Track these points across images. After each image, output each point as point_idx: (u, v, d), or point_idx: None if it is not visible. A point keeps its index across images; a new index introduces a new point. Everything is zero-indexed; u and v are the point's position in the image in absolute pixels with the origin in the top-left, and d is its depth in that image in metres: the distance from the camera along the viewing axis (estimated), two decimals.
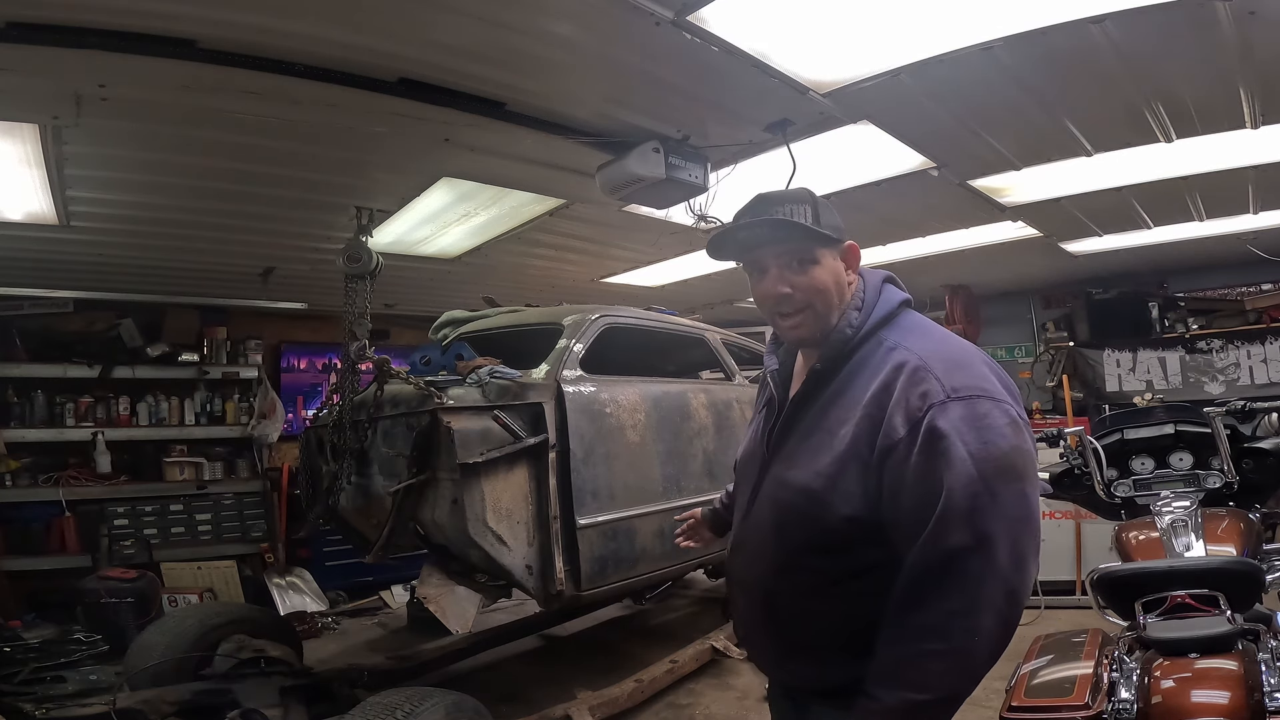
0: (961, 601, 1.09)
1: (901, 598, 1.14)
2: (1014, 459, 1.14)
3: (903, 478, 1.15)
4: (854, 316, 1.31)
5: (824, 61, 2.57)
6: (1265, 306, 6.18)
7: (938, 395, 1.15)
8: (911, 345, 1.24)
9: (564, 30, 2.31)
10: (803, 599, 1.29)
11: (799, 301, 1.29)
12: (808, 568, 1.27)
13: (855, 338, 1.30)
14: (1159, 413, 2.46)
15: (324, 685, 3.15)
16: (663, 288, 6.03)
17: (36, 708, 3.16)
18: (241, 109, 2.64)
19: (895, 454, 1.16)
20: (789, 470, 1.31)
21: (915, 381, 1.18)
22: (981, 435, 1.13)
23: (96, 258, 4.37)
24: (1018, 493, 1.13)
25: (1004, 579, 1.10)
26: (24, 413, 5.27)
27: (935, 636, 1.10)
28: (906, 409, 1.16)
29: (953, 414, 1.13)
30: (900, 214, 4.40)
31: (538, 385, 3.00)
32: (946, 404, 1.14)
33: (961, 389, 1.16)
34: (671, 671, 3.75)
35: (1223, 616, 1.54)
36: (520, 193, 3.76)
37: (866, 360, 1.27)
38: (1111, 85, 2.77)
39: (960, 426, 1.13)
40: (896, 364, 1.22)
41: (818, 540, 1.25)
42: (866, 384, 1.24)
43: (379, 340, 5.31)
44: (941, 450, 1.11)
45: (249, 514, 5.95)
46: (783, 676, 1.43)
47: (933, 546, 1.11)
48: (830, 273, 1.30)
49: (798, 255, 1.29)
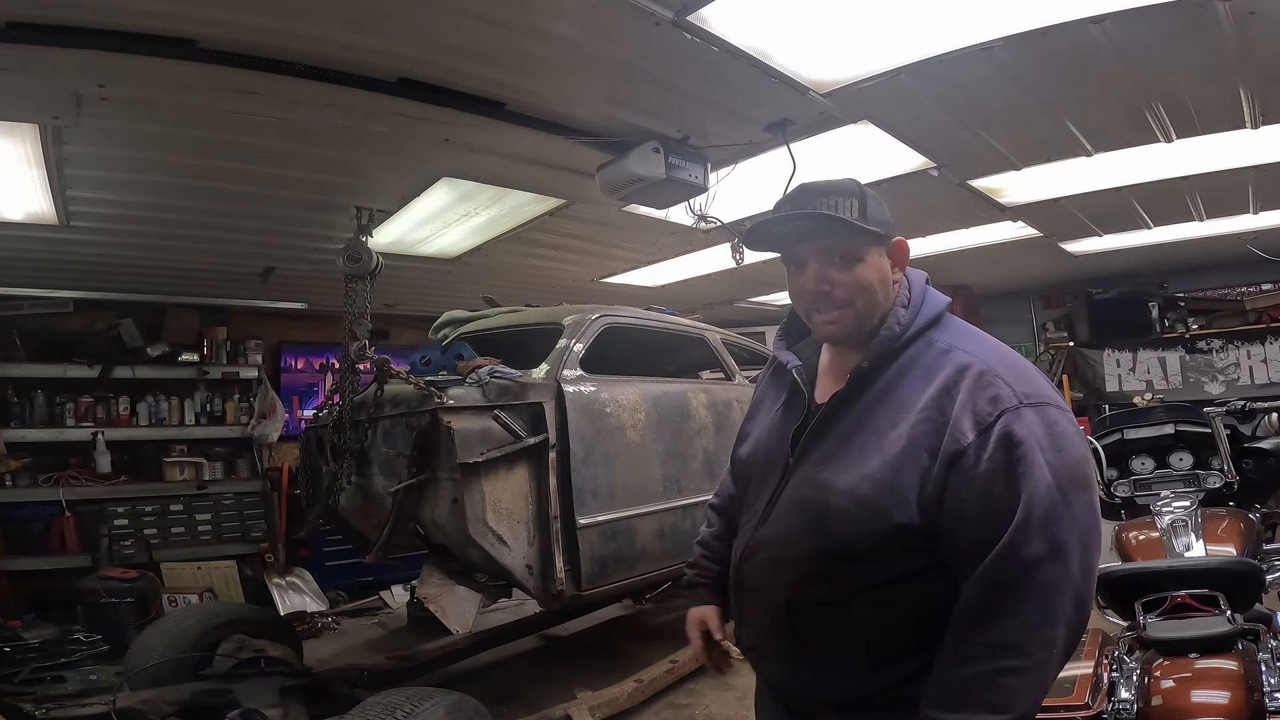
0: (1040, 615, 1.05)
1: (971, 614, 1.08)
2: (1084, 468, 1.12)
3: (971, 485, 1.09)
4: (902, 315, 1.24)
5: (824, 61, 2.57)
6: (1265, 306, 6.19)
7: (1010, 401, 1.10)
8: (969, 348, 1.19)
9: (564, 30, 2.31)
10: (829, 608, 1.21)
11: (839, 300, 1.23)
12: (839, 575, 1.19)
13: (903, 337, 1.22)
14: (1159, 413, 2.46)
15: (324, 685, 3.14)
16: (663, 288, 6.03)
17: (36, 708, 3.16)
18: (241, 109, 2.64)
19: (963, 460, 1.09)
20: (825, 473, 1.21)
21: (983, 385, 1.12)
22: (1056, 443, 1.09)
23: (96, 258, 4.37)
24: (1088, 502, 1.10)
25: (1076, 589, 1.07)
26: (24, 413, 5.27)
27: (1013, 653, 1.04)
28: (975, 413, 1.11)
29: (1028, 420, 1.09)
30: (900, 214, 4.34)
31: (538, 385, 3.00)
32: (1020, 410, 1.10)
33: (1032, 395, 1.12)
34: (671, 671, 3.75)
35: (1223, 616, 1.54)
36: (520, 193, 3.77)
37: (916, 360, 1.21)
38: (1111, 85, 2.77)
39: (1038, 434, 1.09)
40: (959, 366, 1.16)
41: (860, 547, 1.17)
42: (921, 385, 1.17)
43: (379, 340, 5.30)
44: (1019, 457, 1.07)
45: (249, 514, 5.95)
46: (795, 688, 1.32)
47: (1009, 557, 1.05)
48: (876, 270, 1.23)
49: (840, 251, 1.22)
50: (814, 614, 1.22)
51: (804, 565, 1.22)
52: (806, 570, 1.22)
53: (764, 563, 1.29)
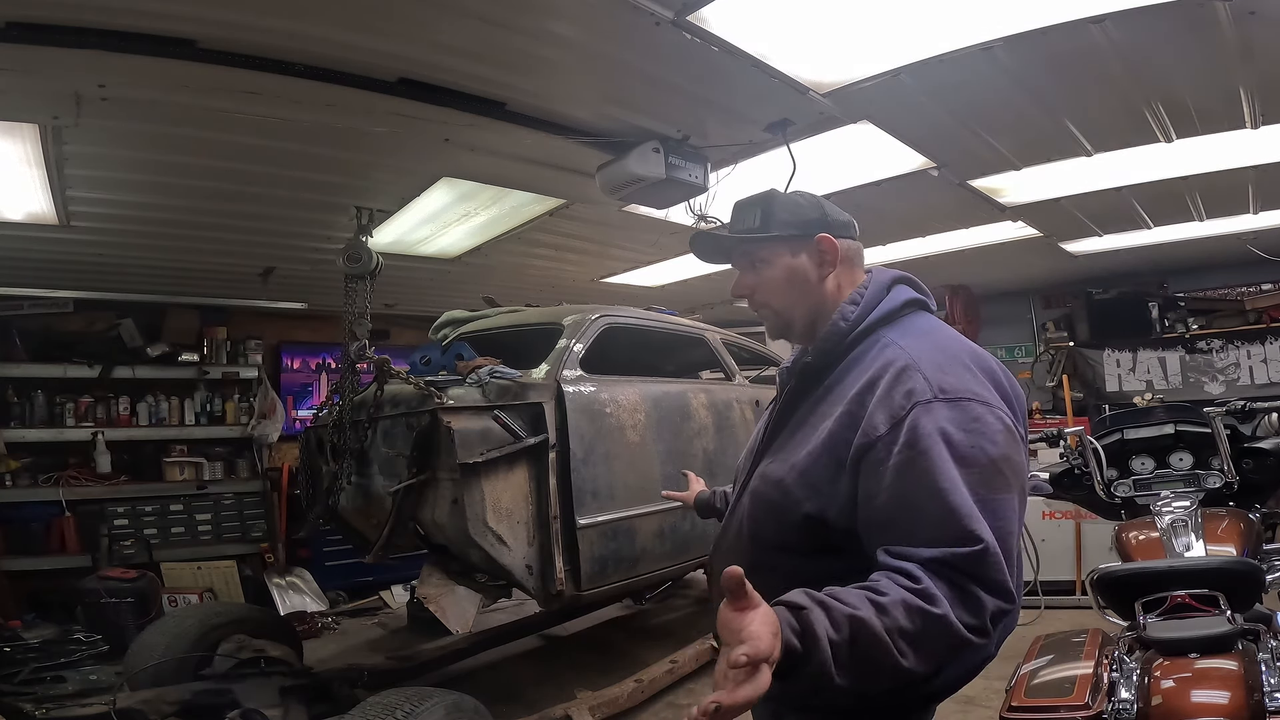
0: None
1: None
2: (1001, 468, 1.06)
3: (880, 479, 1.07)
4: (849, 311, 1.25)
5: (824, 61, 2.57)
6: (1265, 306, 6.18)
7: (924, 395, 1.08)
8: (907, 344, 1.18)
9: (564, 30, 2.31)
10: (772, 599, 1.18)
11: (758, 302, 1.33)
12: (776, 568, 1.17)
13: (851, 332, 1.24)
14: (1159, 413, 2.46)
15: (324, 685, 3.14)
16: (663, 288, 6.03)
17: (36, 708, 3.16)
18: (241, 109, 2.64)
19: (873, 453, 1.08)
20: (771, 465, 1.26)
21: (901, 380, 1.11)
22: (970, 439, 1.06)
23: (96, 258, 4.37)
24: (1006, 503, 1.06)
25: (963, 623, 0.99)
26: (24, 413, 5.27)
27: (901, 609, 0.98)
28: (890, 407, 1.09)
29: (939, 415, 1.06)
30: (900, 214, 4.40)
31: (538, 385, 3.00)
32: (932, 404, 1.07)
33: (951, 390, 1.09)
34: (671, 671, 3.75)
35: (1223, 616, 1.54)
36: (520, 193, 3.76)
37: (861, 356, 1.22)
38: (1111, 85, 2.77)
39: (947, 428, 1.05)
40: (885, 361, 1.16)
41: (783, 537, 1.19)
42: (855, 380, 1.18)
43: (379, 340, 5.30)
44: (923, 450, 1.04)
45: (249, 514, 5.95)
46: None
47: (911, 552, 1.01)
48: (784, 270, 1.29)
49: (750, 257, 1.32)
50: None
51: (749, 555, 1.23)
52: (751, 560, 1.16)
53: (723, 553, 1.34)
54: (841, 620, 0.92)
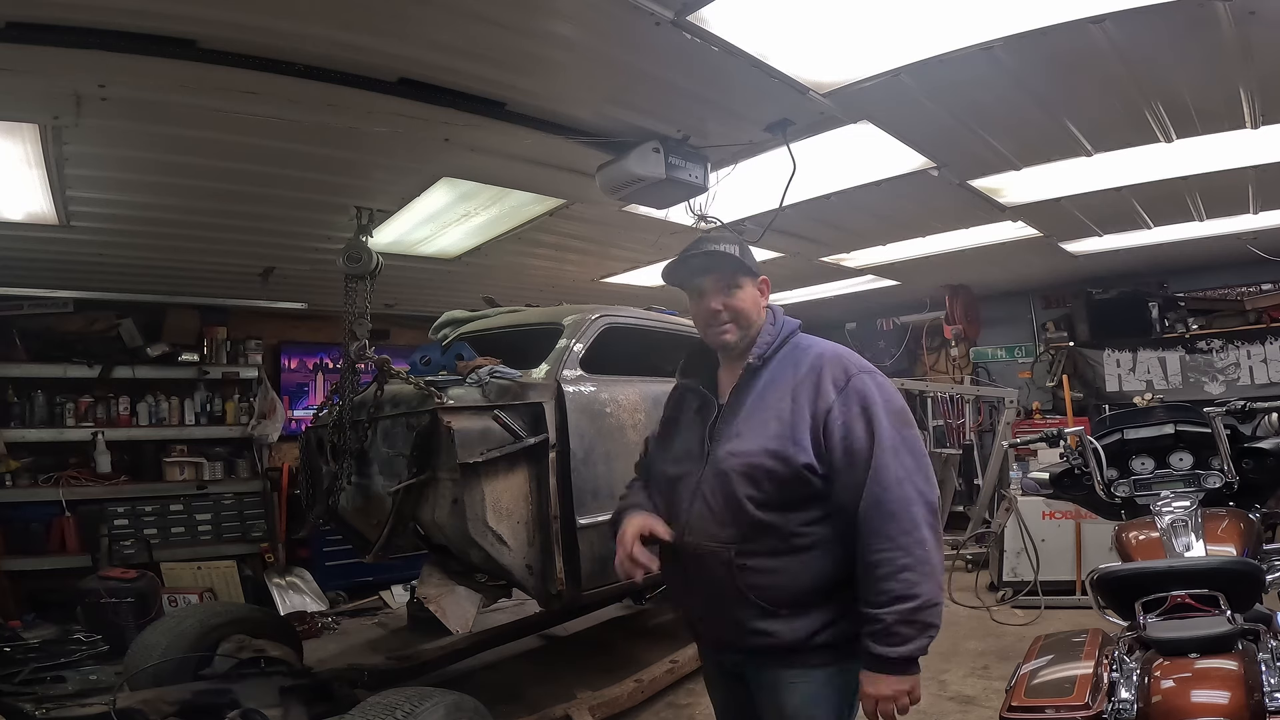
0: (906, 520, 1.49)
1: (863, 533, 1.51)
2: (907, 414, 1.64)
3: (840, 427, 1.57)
4: (770, 329, 1.75)
5: (824, 61, 2.57)
6: (1265, 306, 6.19)
7: (854, 370, 1.64)
8: (822, 347, 1.72)
9: (564, 30, 2.31)
10: (771, 558, 1.58)
11: (727, 317, 1.71)
12: (770, 526, 1.57)
13: (775, 343, 1.73)
14: (1159, 413, 2.45)
15: (324, 685, 3.14)
16: (663, 288, 5.97)
17: (36, 708, 3.17)
18: (241, 109, 2.64)
19: (832, 411, 1.59)
20: (739, 444, 1.63)
21: (836, 363, 1.65)
22: (886, 395, 1.61)
23: (96, 258, 4.37)
24: (916, 435, 1.61)
25: (924, 497, 1.53)
26: (24, 413, 5.28)
27: (901, 552, 1.47)
28: (834, 379, 1.62)
29: (866, 381, 1.62)
30: (900, 214, 4.40)
31: (538, 385, 3.00)
32: (860, 374, 1.63)
33: (864, 368, 1.66)
34: (671, 671, 3.75)
35: (1223, 616, 1.54)
36: (520, 193, 3.77)
37: (788, 358, 1.71)
38: (1111, 85, 2.77)
39: (874, 389, 1.60)
40: (819, 353, 1.69)
41: (784, 494, 1.58)
42: (794, 371, 1.67)
43: (379, 340, 5.30)
44: (867, 403, 1.58)
45: (249, 514, 5.95)
46: (749, 643, 1.62)
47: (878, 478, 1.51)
48: (750, 297, 1.74)
49: (727, 281, 1.72)
50: (758, 565, 1.58)
51: (743, 522, 1.59)
52: (747, 526, 1.59)
53: (703, 532, 1.64)
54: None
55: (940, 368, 7.94)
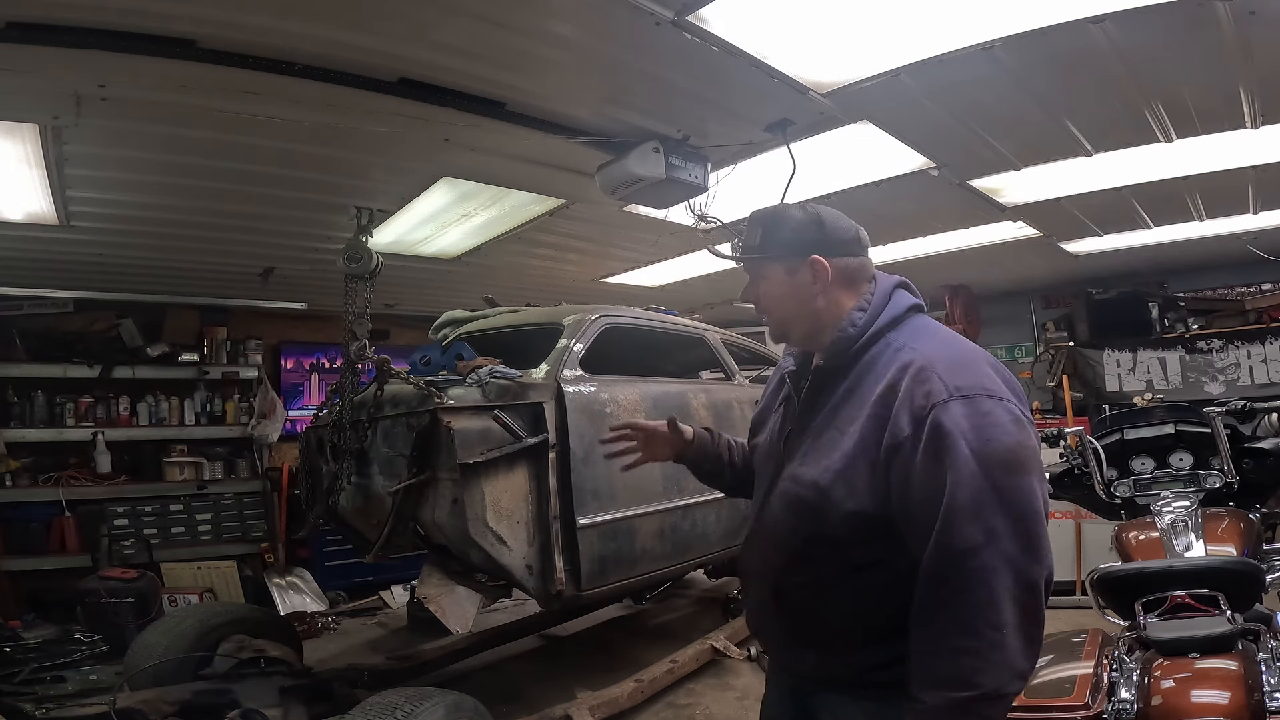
0: (982, 595, 1.10)
1: (922, 600, 1.16)
2: (1018, 454, 1.16)
3: (910, 476, 1.18)
4: (858, 318, 1.34)
5: (824, 61, 2.57)
6: (1265, 306, 6.18)
7: (941, 394, 1.18)
8: (918, 346, 1.28)
9: (564, 30, 2.31)
10: (812, 591, 1.32)
11: (760, 310, 1.45)
12: (817, 560, 1.30)
13: (860, 339, 1.33)
14: (1159, 413, 2.45)
15: (324, 685, 3.14)
16: (663, 288, 6.03)
17: (36, 708, 3.16)
18: (241, 109, 2.64)
19: (902, 452, 1.19)
20: (802, 467, 1.34)
21: (920, 381, 1.21)
22: (983, 433, 1.15)
23: (96, 258, 4.37)
24: (1022, 486, 1.15)
25: (1018, 570, 1.11)
26: (24, 413, 5.27)
27: (962, 633, 1.11)
28: (911, 408, 1.19)
29: (955, 412, 1.16)
30: (900, 214, 4.40)
31: (538, 385, 3.00)
32: (949, 403, 1.17)
33: (964, 388, 1.19)
34: (671, 671, 3.74)
35: (1223, 616, 1.54)
36: (520, 193, 3.76)
37: (875, 361, 1.31)
38: (1111, 85, 2.77)
39: (963, 424, 1.15)
40: (902, 364, 1.25)
41: (825, 534, 1.28)
42: (874, 384, 1.28)
43: (379, 340, 5.30)
44: (946, 447, 1.14)
45: (249, 514, 5.95)
46: (793, 666, 1.44)
47: (944, 545, 1.13)
48: (779, 285, 1.39)
49: (752, 273, 1.44)
50: (798, 596, 1.35)
51: (788, 551, 1.35)
52: (790, 556, 1.35)
53: (759, 550, 1.44)
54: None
55: None
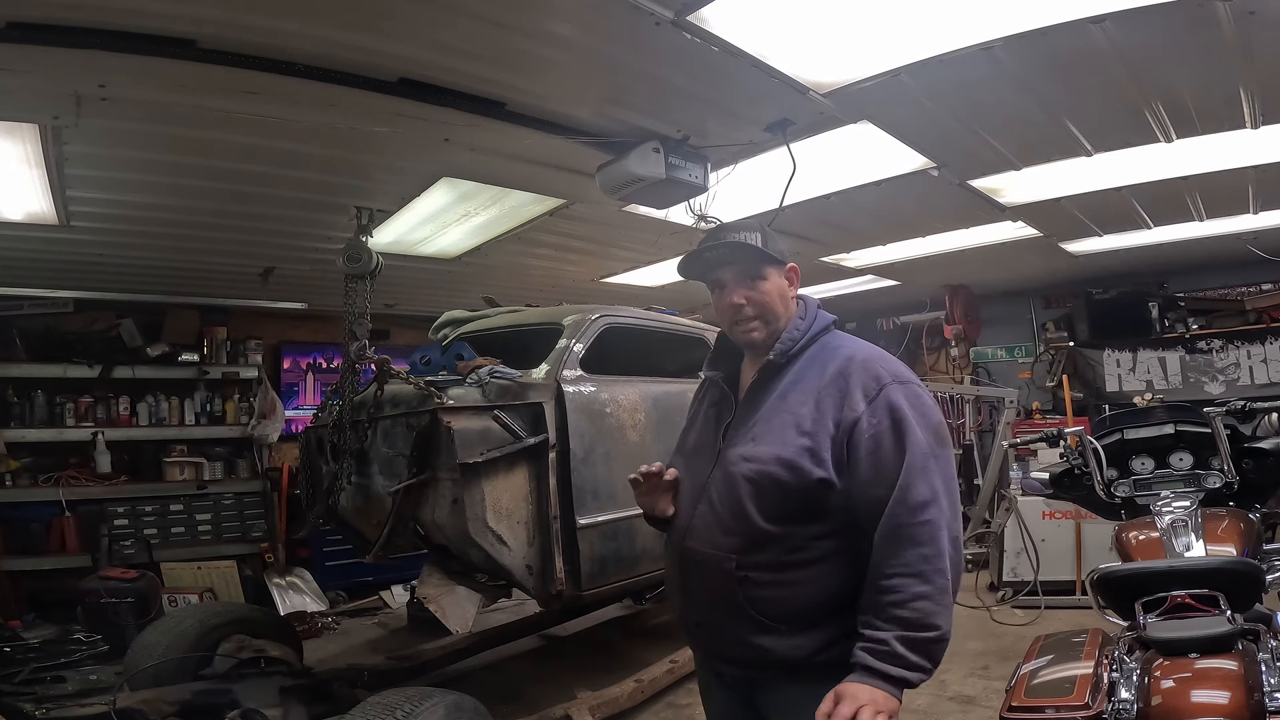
0: (930, 547, 1.34)
1: (880, 552, 1.36)
2: (943, 430, 1.47)
3: (866, 443, 1.42)
4: (799, 323, 1.59)
5: (824, 61, 2.57)
6: (1265, 306, 6.19)
7: (886, 379, 1.46)
8: (853, 346, 1.57)
9: (564, 30, 2.31)
10: (770, 571, 1.45)
11: (751, 311, 1.56)
12: (775, 539, 1.45)
13: (801, 340, 1.58)
14: (1159, 413, 2.45)
15: (324, 685, 3.14)
16: (663, 288, 6.03)
17: (36, 708, 3.16)
18: (241, 109, 2.64)
19: (859, 424, 1.43)
20: (754, 448, 1.50)
21: (866, 369, 1.48)
22: (921, 410, 1.45)
23: (96, 258, 4.37)
24: (949, 456, 1.46)
25: (950, 527, 1.38)
26: (24, 413, 5.27)
27: (917, 579, 1.32)
28: (864, 387, 1.46)
29: (899, 393, 1.44)
30: (900, 214, 4.40)
31: (538, 385, 3.00)
32: (894, 384, 1.46)
33: (899, 375, 1.49)
34: (671, 671, 3.75)
35: (1223, 616, 1.54)
36: (520, 193, 3.76)
37: (815, 357, 1.56)
38: (1111, 85, 2.77)
39: (908, 401, 1.44)
40: (847, 356, 1.52)
41: (792, 506, 1.44)
42: (820, 374, 1.51)
43: (379, 340, 5.30)
44: (901, 419, 1.41)
45: (249, 514, 5.95)
46: (746, 655, 1.50)
47: (904, 499, 1.36)
48: (776, 288, 1.58)
49: (749, 274, 1.56)
50: (759, 579, 1.45)
51: (745, 532, 1.46)
52: (748, 537, 1.46)
53: (706, 537, 1.52)
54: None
55: (940, 368, 7.94)
